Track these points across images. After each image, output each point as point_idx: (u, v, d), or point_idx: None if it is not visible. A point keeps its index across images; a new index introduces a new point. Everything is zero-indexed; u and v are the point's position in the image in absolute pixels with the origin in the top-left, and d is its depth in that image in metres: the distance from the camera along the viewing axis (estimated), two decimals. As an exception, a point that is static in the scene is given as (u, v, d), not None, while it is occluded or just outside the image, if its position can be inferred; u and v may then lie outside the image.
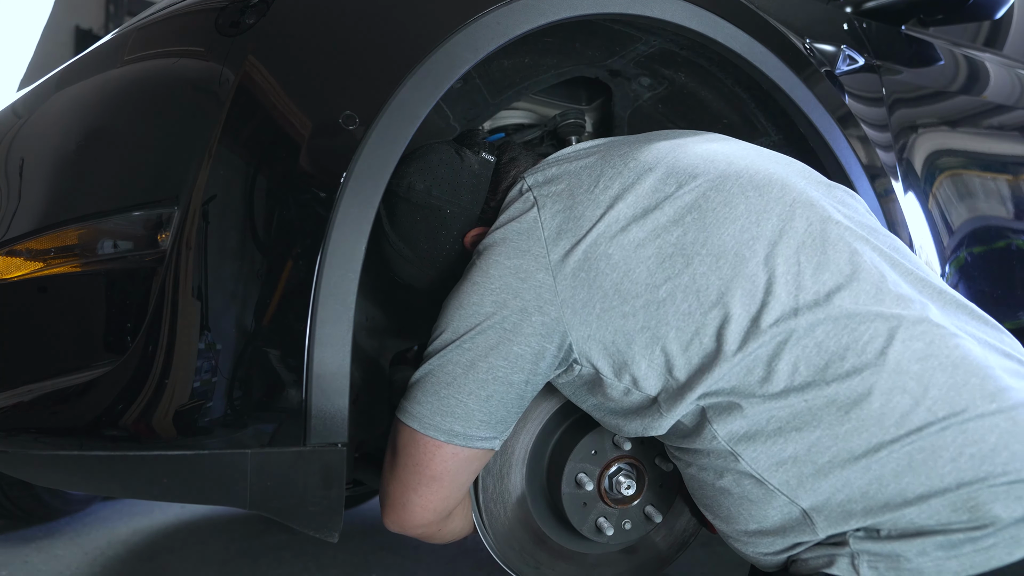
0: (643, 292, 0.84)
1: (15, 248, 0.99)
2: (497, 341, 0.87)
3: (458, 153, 1.05)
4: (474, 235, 1.04)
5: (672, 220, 0.86)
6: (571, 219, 0.88)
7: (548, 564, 1.09)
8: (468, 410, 0.88)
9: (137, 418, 0.87)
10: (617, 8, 1.08)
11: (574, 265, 0.86)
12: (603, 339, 0.86)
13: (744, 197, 0.87)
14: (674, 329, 0.83)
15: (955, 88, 1.77)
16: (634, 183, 0.89)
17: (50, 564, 1.83)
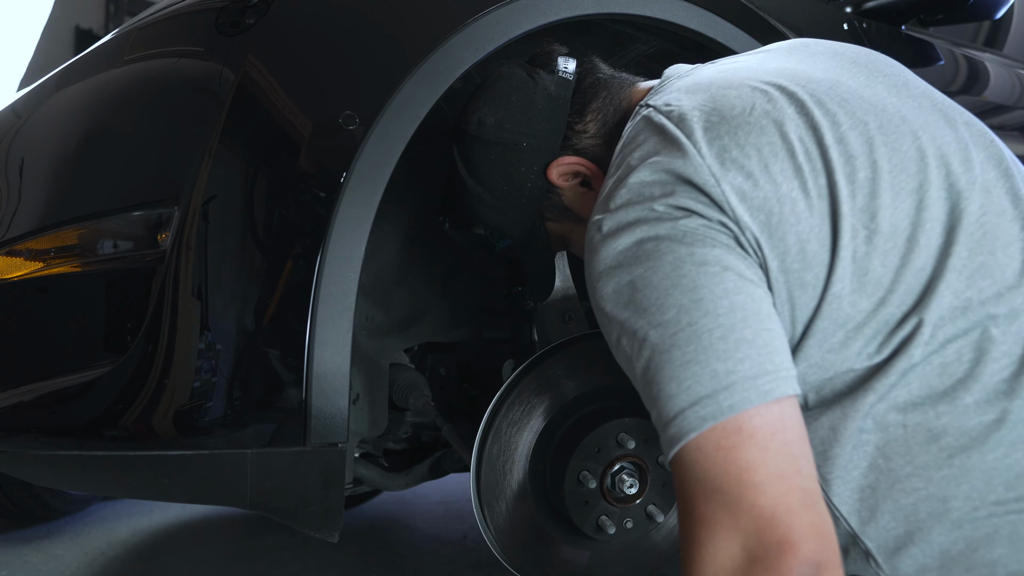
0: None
1: (15, 248, 0.98)
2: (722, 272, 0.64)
3: (531, 76, 0.93)
4: (561, 167, 0.92)
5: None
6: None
7: (549, 561, 1.09)
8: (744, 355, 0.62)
9: (137, 418, 0.87)
10: (617, 8, 1.08)
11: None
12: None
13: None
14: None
15: (955, 88, 1.77)
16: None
17: (50, 564, 1.83)
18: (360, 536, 2.12)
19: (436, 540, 2.10)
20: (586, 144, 0.92)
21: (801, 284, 0.66)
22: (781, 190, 0.65)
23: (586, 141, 0.92)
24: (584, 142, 0.92)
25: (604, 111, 0.92)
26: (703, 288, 0.63)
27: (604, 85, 0.93)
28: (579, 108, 0.92)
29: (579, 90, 0.93)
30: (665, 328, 0.63)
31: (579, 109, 0.92)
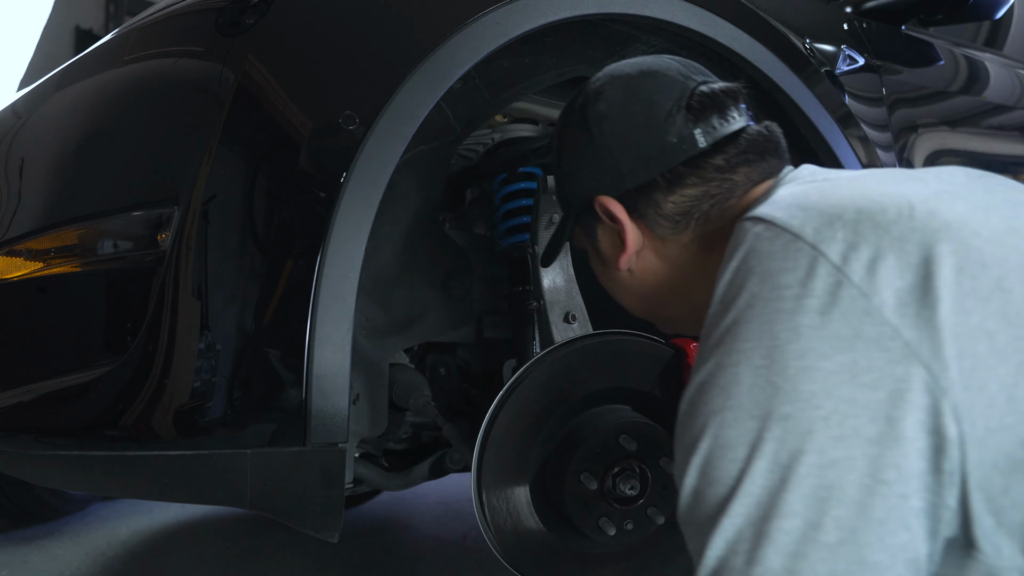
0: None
1: (15, 248, 0.98)
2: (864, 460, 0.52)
3: (673, 107, 0.77)
4: (610, 209, 0.80)
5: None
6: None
7: (549, 562, 1.09)
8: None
9: (137, 418, 0.87)
10: (618, 8, 1.08)
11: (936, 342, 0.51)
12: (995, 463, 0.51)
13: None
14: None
15: (955, 88, 1.77)
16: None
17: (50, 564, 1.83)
18: (360, 536, 2.12)
19: (436, 540, 2.09)
20: (650, 215, 0.79)
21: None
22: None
23: (651, 212, 0.79)
24: (649, 211, 0.79)
25: (698, 211, 0.78)
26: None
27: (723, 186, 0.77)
28: (676, 181, 0.77)
29: (698, 164, 0.77)
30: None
31: (675, 182, 0.77)
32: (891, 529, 0.51)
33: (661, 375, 1.13)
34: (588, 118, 0.82)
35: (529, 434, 1.06)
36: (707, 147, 0.76)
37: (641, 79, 0.81)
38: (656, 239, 0.81)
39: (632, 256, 0.83)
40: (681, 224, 0.79)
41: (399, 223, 1.24)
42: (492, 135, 1.45)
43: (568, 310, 1.21)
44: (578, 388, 1.09)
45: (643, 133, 0.78)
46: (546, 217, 1.22)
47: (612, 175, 0.80)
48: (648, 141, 0.78)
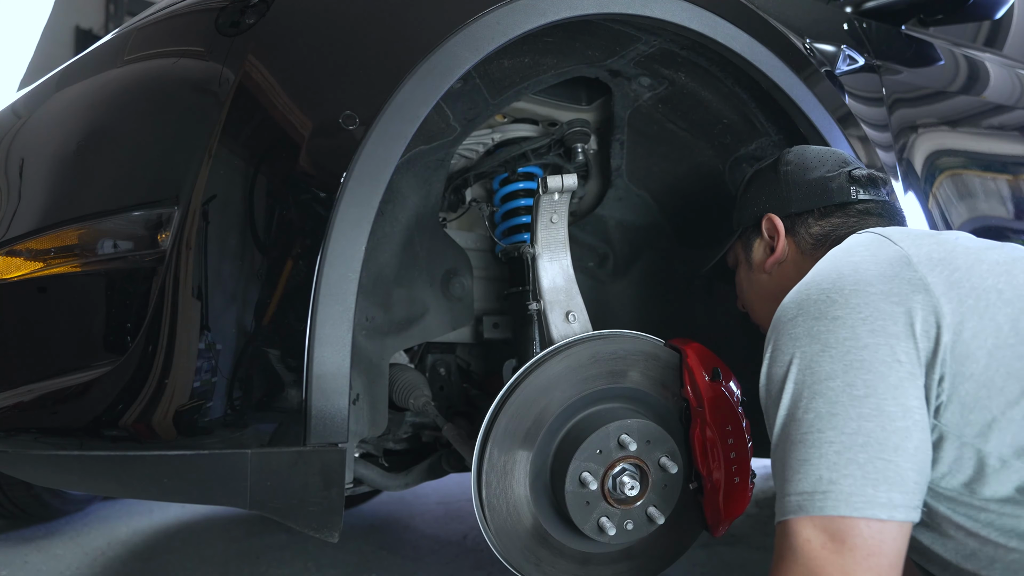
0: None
1: (15, 248, 0.98)
2: (888, 374, 0.77)
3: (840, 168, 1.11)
4: (772, 227, 1.12)
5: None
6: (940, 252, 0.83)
7: (549, 562, 1.09)
8: (900, 470, 0.74)
9: (137, 418, 0.87)
10: (618, 8, 1.08)
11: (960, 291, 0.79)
12: (989, 381, 0.77)
13: None
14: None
15: (955, 88, 1.77)
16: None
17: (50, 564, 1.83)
18: (360, 536, 2.12)
19: (436, 540, 2.09)
20: (801, 232, 1.11)
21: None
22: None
23: (802, 231, 1.11)
24: (801, 230, 1.11)
25: (835, 235, 1.07)
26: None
27: (858, 223, 1.07)
28: (827, 214, 1.09)
29: (845, 208, 1.09)
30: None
31: (826, 214, 1.09)
32: (902, 392, 0.75)
33: (661, 374, 1.13)
34: (777, 163, 1.17)
35: (529, 434, 1.06)
36: (856, 199, 1.09)
37: (821, 151, 1.17)
38: (798, 252, 1.11)
39: (776, 263, 1.13)
40: (821, 243, 1.08)
41: (399, 223, 1.24)
42: (492, 135, 1.45)
43: (568, 309, 1.21)
44: (578, 388, 1.09)
45: (813, 178, 1.12)
46: (546, 217, 1.22)
47: (783, 201, 1.13)
48: (816, 183, 1.11)
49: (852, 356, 0.77)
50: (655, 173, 1.52)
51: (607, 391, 1.10)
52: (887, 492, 0.73)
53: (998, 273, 0.80)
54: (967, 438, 0.76)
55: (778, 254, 1.12)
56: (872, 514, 0.72)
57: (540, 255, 1.22)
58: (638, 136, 1.46)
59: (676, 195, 1.54)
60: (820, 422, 0.77)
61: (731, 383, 1.11)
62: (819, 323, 0.80)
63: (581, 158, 1.49)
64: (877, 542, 0.72)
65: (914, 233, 0.89)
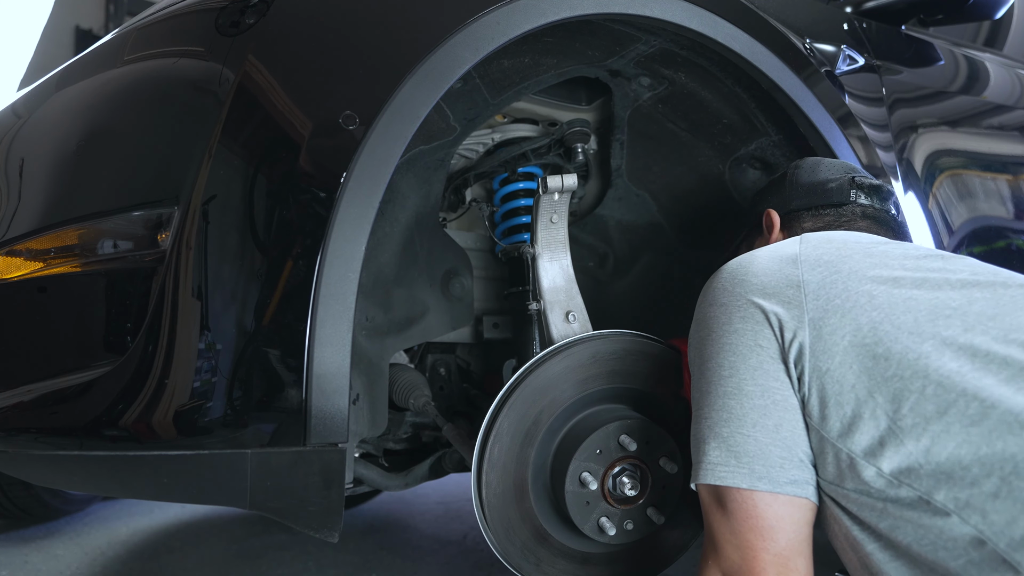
0: (904, 339, 0.77)
1: (15, 248, 0.98)
2: (756, 363, 0.82)
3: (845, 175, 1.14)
4: (770, 221, 1.16)
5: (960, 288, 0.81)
6: (833, 259, 0.86)
7: (549, 562, 1.09)
8: (760, 446, 0.80)
9: (137, 418, 0.87)
10: (617, 8, 1.08)
11: (829, 291, 0.82)
12: (842, 378, 0.79)
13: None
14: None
15: (955, 88, 1.77)
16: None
17: (50, 564, 1.83)
18: (360, 536, 2.12)
19: (436, 540, 2.09)
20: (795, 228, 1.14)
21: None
22: None
23: (796, 227, 1.14)
24: (795, 226, 1.14)
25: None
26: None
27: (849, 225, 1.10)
28: (821, 214, 1.13)
29: (840, 211, 1.11)
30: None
31: (821, 214, 1.13)
32: (763, 373, 0.81)
33: (661, 374, 1.13)
34: (788, 169, 1.22)
35: (530, 434, 1.06)
36: (852, 201, 1.11)
37: (835, 161, 1.21)
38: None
39: None
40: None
41: (399, 223, 1.24)
42: (492, 135, 1.45)
43: (568, 309, 1.21)
44: (578, 387, 1.09)
45: (816, 181, 1.16)
46: (546, 217, 1.22)
47: (784, 199, 1.17)
48: (818, 184, 1.15)
49: (724, 340, 0.85)
50: (655, 173, 1.52)
51: (607, 391, 1.10)
52: (748, 463, 0.79)
53: (880, 282, 0.81)
54: (831, 438, 0.78)
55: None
56: (734, 483, 0.79)
57: (540, 255, 1.22)
58: (638, 136, 1.46)
59: (676, 195, 1.55)
60: (700, 399, 0.86)
61: (731, 383, 1.11)
62: (710, 309, 0.89)
63: (581, 158, 1.49)
64: (750, 508, 0.79)
65: (837, 238, 0.92)
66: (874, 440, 0.74)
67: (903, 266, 0.85)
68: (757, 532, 0.79)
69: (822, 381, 0.78)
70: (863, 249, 0.88)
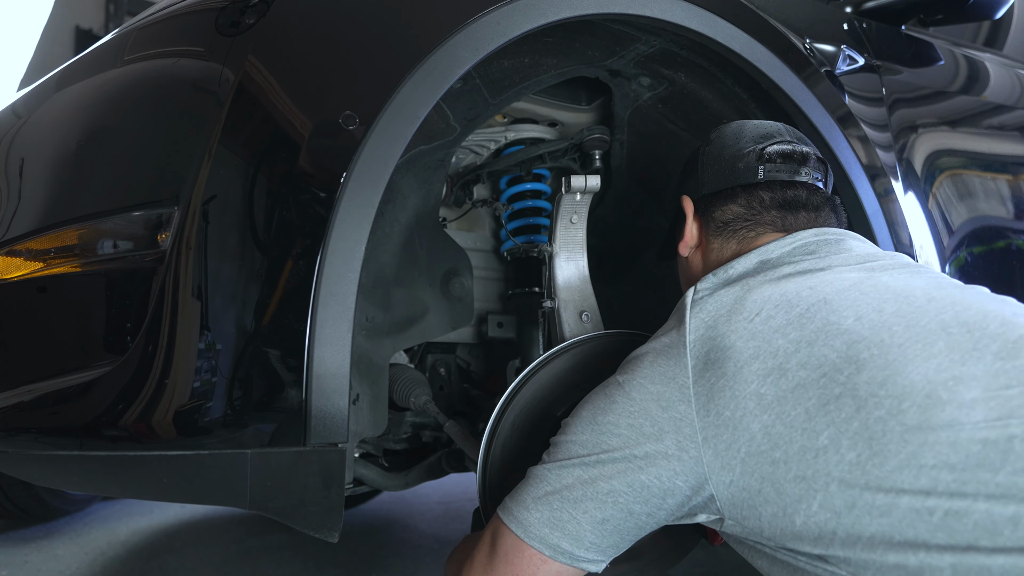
0: (798, 438, 0.73)
1: (15, 248, 0.98)
2: (625, 468, 0.80)
3: (755, 147, 1.01)
4: (684, 201, 1.07)
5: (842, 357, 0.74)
6: (718, 349, 0.80)
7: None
8: (580, 529, 0.80)
9: (137, 418, 0.87)
10: (617, 8, 1.08)
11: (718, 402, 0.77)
12: (747, 486, 0.76)
13: (945, 334, 0.73)
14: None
15: (955, 88, 1.77)
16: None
17: (50, 564, 1.83)
18: (360, 536, 2.12)
19: (436, 540, 2.09)
20: (708, 216, 1.03)
21: None
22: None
23: (709, 214, 1.03)
24: (708, 213, 1.03)
25: (734, 227, 1.01)
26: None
27: (756, 217, 0.99)
28: (731, 197, 1.01)
29: (751, 192, 1.00)
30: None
31: (731, 198, 1.01)
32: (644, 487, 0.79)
33: None
34: (702, 144, 1.08)
35: (535, 431, 1.06)
36: (762, 180, 0.99)
37: (749, 127, 1.05)
38: (705, 239, 1.04)
39: (690, 247, 1.06)
40: (721, 232, 1.01)
41: (399, 223, 1.24)
42: (505, 133, 1.45)
43: (582, 309, 1.21)
44: (586, 386, 1.08)
45: (725, 158, 1.03)
46: (566, 217, 1.21)
47: (696, 183, 1.06)
48: (726, 164, 1.02)
49: (626, 421, 0.82)
50: (655, 173, 1.52)
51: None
52: (559, 539, 0.80)
53: (766, 372, 0.76)
54: (768, 548, 0.77)
55: (686, 238, 1.06)
56: (536, 546, 0.81)
57: (557, 254, 1.22)
58: (638, 136, 1.46)
59: (676, 195, 1.55)
60: (559, 454, 0.85)
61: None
62: (609, 390, 0.88)
63: (599, 164, 1.48)
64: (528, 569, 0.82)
65: (720, 314, 0.84)
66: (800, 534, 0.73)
67: (777, 343, 0.78)
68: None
69: (728, 494, 0.76)
70: (736, 332, 0.81)
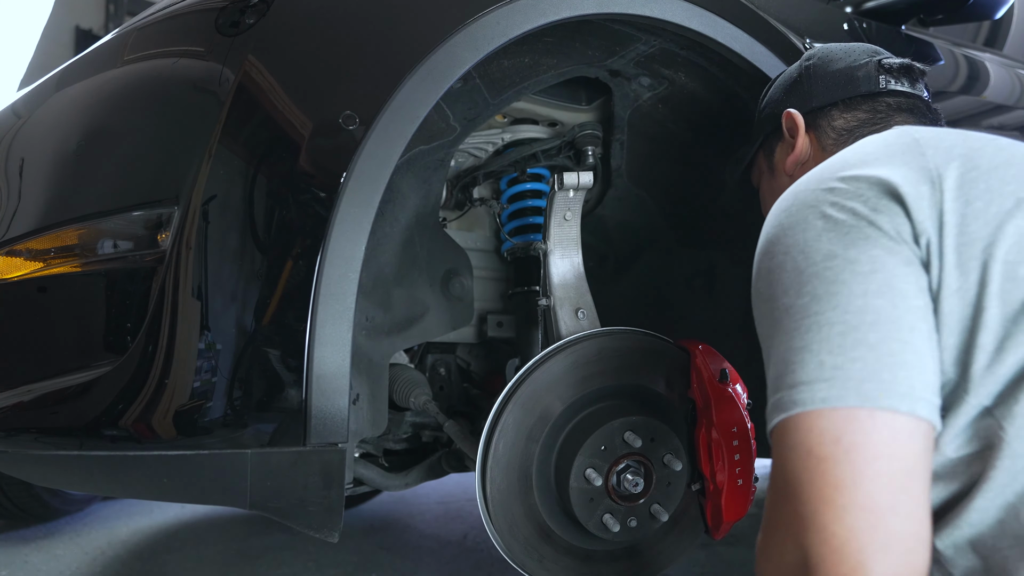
0: None
1: (15, 248, 0.98)
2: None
3: (870, 59, 1.00)
4: (793, 121, 1.02)
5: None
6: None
7: (552, 559, 1.09)
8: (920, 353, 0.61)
9: (137, 418, 0.87)
10: (617, 8, 1.08)
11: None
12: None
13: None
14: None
15: (955, 88, 1.77)
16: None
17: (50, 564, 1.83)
18: (360, 536, 2.12)
19: (436, 540, 2.09)
20: (823, 126, 1.00)
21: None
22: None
23: (825, 124, 1.00)
24: (823, 123, 1.00)
25: (859, 133, 0.96)
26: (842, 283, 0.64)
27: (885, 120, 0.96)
28: (852, 106, 0.99)
29: (873, 99, 0.98)
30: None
31: (852, 106, 0.99)
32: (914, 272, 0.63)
33: (667, 373, 1.13)
34: (801, 62, 1.07)
35: (534, 429, 1.06)
36: (885, 89, 0.98)
37: (848, 44, 1.07)
38: (820, 150, 1.00)
39: (797, 163, 1.02)
40: (843, 139, 0.98)
41: (399, 223, 1.24)
42: (502, 135, 1.45)
43: (577, 306, 1.21)
44: (584, 384, 1.09)
45: (839, 68, 1.01)
46: (560, 214, 1.21)
47: (804, 96, 1.02)
48: (840, 74, 1.01)
49: (855, 234, 0.64)
50: (655, 173, 1.52)
51: (612, 388, 1.10)
52: (907, 378, 0.59)
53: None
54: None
55: (798, 152, 1.01)
56: (889, 404, 0.58)
57: (551, 251, 1.22)
58: (638, 136, 1.46)
59: (676, 195, 1.54)
60: (818, 304, 0.63)
61: (737, 385, 1.11)
62: (818, 207, 0.68)
63: (591, 161, 1.49)
64: (890, 440, 0.58)
65: (937, 131, 0.75)
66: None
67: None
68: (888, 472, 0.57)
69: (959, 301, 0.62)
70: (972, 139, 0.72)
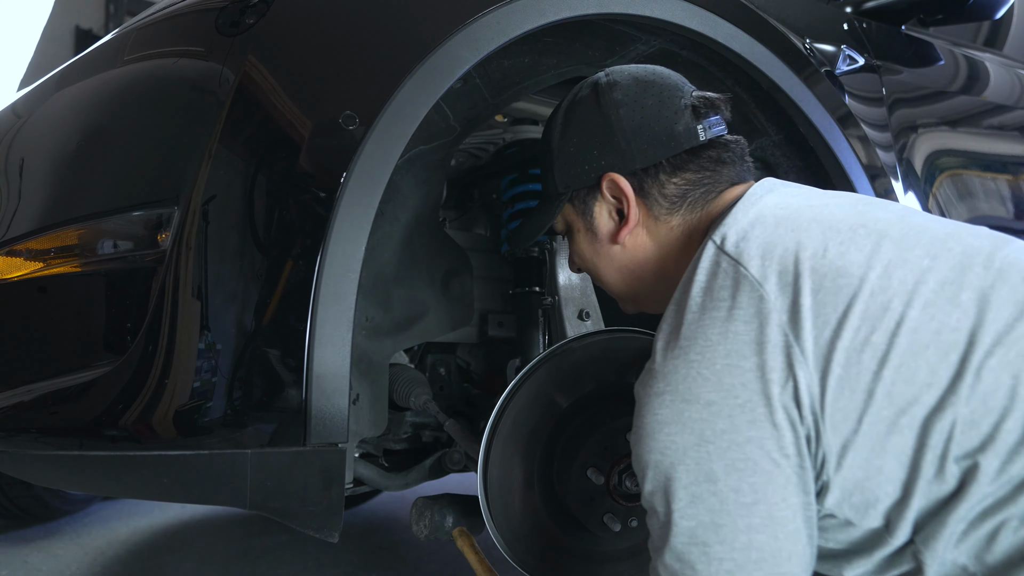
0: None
1: (15, 248, 0.98)
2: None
3: (681, 102, 0.91)
4: (616, 186, 0.92)
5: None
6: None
7: (552, 558, 1.09)
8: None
9: (137, 418, 0.87)
10: (618, 8, 1.08)
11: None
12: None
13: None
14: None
15: (955, 88, 1.77)
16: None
17: (50, 564, 1.83)
18: (360, 536, 2.12)
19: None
20: (653, 194, 0.91)
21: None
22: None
23: (655, 191, 0.91)
24: (653, 190, 0.91)
25: (691, 196, 0.91)
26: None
27: (713, 177, 0.90)
28: (679, 166, 0.90)
29: (697, 155, 0.90)
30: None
31: (678, 167, 0.90)
32: (791, 490, 0.67)
33: None
34: (602, 104, 0.93)
35: (536, 429, 1.06)
36: (705, 141, 0.91)
37: (651, 77, 0.95)
38: (651, 218, 0.93)
39: (629, 231, 0.94)
40: (676, 206, 0.91)
41: (399, 223, 1.24)
42: (504, 135, 1.45)
43: (582, 307, 1.21)
44: (587, 383, 1.09)
45: (655, 121, 0.91)
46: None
47: (623, 156, 0.91)
48: (660, 128, 0.91)
49: (734, 454, 0.67)
50: (655, 173, 1.52)
51: (614, 387, 1.10)
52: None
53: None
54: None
55: (631, 222, 0.92)
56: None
57: (558, 252, 1.22)
58: (638, 136, 1.46)
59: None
60: (705, 533, 0.68)
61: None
62: (690, 407, 0.70)
63: None
64: None
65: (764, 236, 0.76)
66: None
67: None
68: None
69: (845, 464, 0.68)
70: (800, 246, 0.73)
